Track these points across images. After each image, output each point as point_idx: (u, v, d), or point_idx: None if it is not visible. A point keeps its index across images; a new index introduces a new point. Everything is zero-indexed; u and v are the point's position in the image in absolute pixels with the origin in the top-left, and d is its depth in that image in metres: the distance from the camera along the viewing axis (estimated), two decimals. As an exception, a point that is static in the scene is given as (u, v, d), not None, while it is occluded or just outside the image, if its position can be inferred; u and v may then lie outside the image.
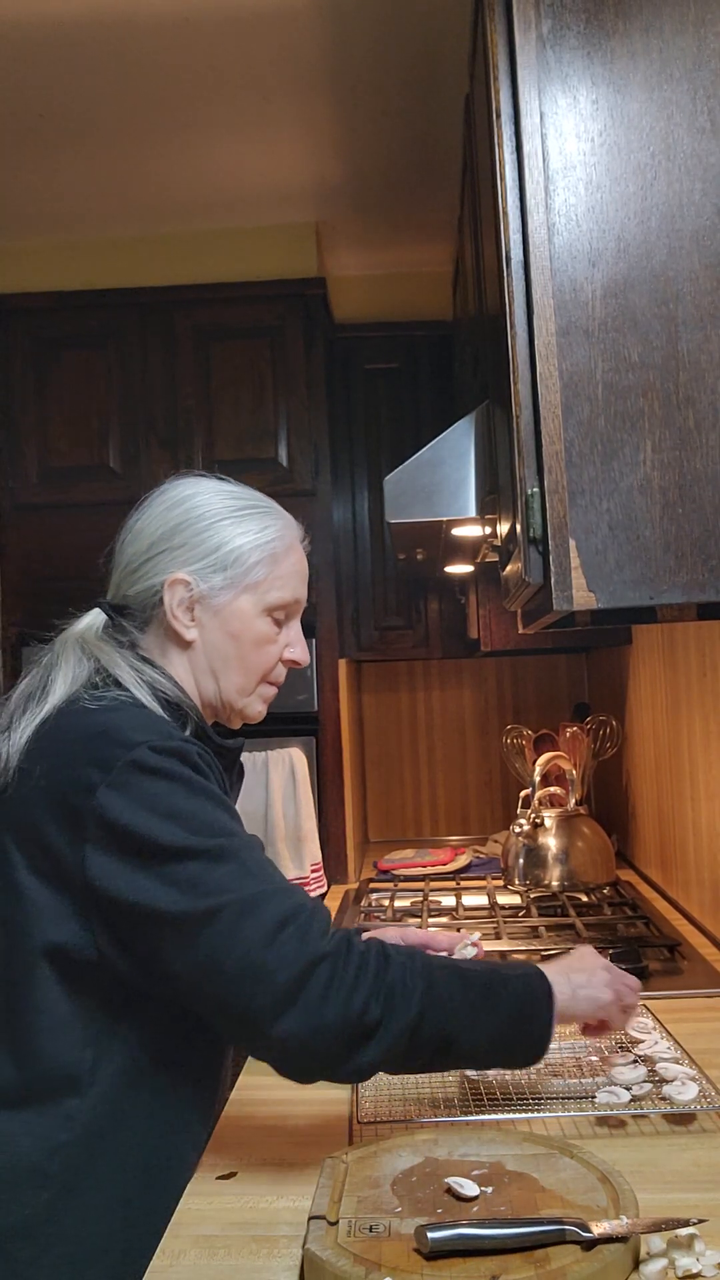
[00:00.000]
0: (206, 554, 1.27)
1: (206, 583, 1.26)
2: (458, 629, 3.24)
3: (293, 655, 1.34)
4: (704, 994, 1.74)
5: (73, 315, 2.96)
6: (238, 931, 1.06)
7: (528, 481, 1.32)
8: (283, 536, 1.31)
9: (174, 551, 1.27)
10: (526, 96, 1.34)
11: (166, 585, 1.26)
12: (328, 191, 2.87)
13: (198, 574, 1.26)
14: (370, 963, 1.09)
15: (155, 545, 1.28)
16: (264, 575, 1.29)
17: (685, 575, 1.30)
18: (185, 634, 1.27)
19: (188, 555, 1.26)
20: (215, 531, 1.27)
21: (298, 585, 1.33)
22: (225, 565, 1.27)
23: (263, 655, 1.30)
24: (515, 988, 1.17)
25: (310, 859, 2.77)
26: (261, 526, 1.30)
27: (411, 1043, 1.09)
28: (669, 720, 2.35)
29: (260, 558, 1.28)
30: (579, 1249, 0.93)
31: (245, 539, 1.28)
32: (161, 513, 1.30)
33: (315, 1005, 1.05)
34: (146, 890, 1.07)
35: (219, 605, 1.27)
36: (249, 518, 1.29)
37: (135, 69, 2.26)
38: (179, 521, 1.28)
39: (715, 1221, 1.00)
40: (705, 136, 1.32)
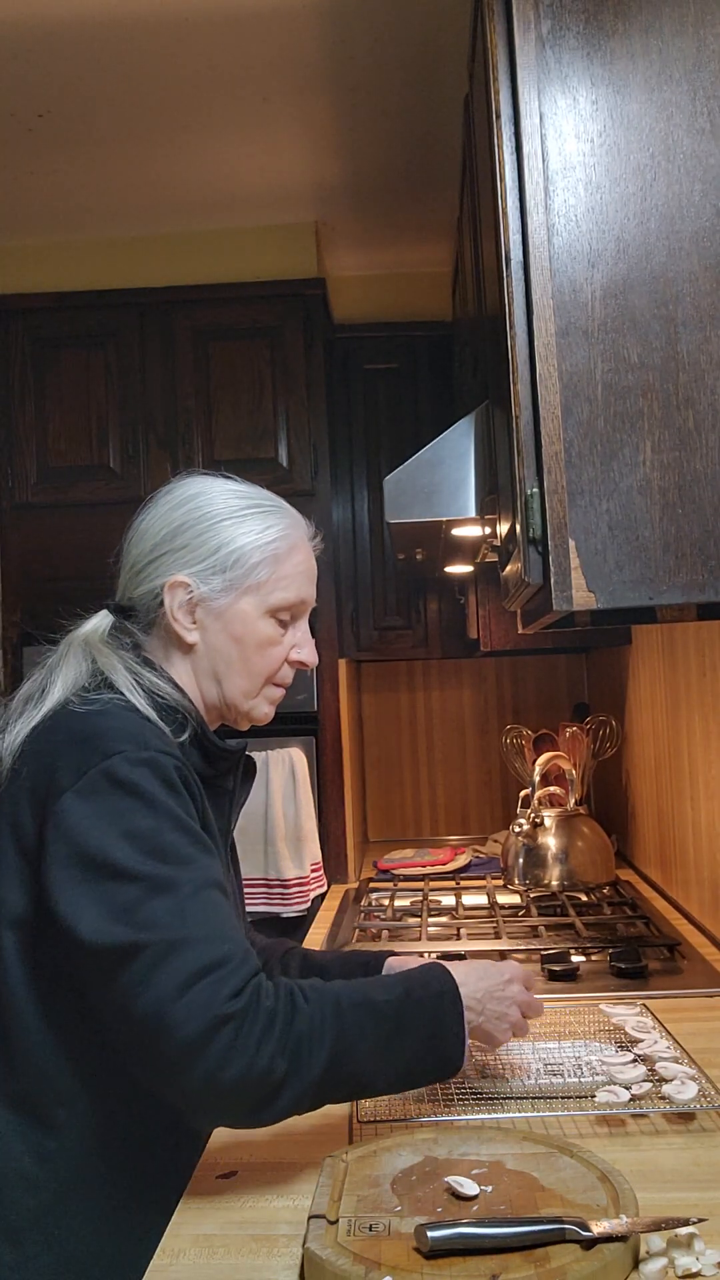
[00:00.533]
0: (207, 555, 1.25)
1: (207, 585, 1.25)
2: (457, 629, 3.24)
3: (300, 657, 1.32)
4: (704, 994, 1.74)
5: (72, 315, 2.96)
6: (151, 977, 1.02)
7: (527, 482, 1.33)
8: (287, 536, 1.29)
9: (176, 553, 1.26)
10: (526, 97, 1.34)
11: (167, 588, 1.25)
12: (327, 191, 2.87)
13: (198, 576, 1.25)
14: (278, 1018, 1.06)
15: (158, 546, 1.26)
16: (266, 576, 1.26)
17: (685, 575, 1.30)
18: (186, 637, 1.26)
19: (189, 557, 1.25)
20: (216, 532, 1.26)
21: (303, 585, 1.30)
22: (226, 566, 1.25)
23: (267, 658, 1.29)
24: (426, 1012, 1.16)
25: (310, 859, 2.77)
26: (264, 526, 1.27)
27: (321, 1088, 1.08)
28: (669, 720, 2.35)
29: (262, 558, 1.26)
30: (579, 1248, 0.93)
31: (247, 539, 1.26)
32: (165, 513, 1.28)
33: (216, 1068, 1.01)
34: (78, 910, 1.05)
35: (220, 608, 1.26)
36: (251, 517, 1.27)
37: (135, 69, 2.26)
38: (181, 522, 1.27)
39: (715, 1221, 1.00)
40: (705, 137, 1.32)
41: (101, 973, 1.05)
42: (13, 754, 1.16)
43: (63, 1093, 1.11)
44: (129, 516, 1.34)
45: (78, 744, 1.13)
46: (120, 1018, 1.05)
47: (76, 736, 1.14)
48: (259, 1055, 1.03)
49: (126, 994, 1.03)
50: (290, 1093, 1.06)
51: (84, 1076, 1.12)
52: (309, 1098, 1.08)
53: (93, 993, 1.08)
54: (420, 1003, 1.16)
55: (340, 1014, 1.10)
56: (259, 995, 1.06)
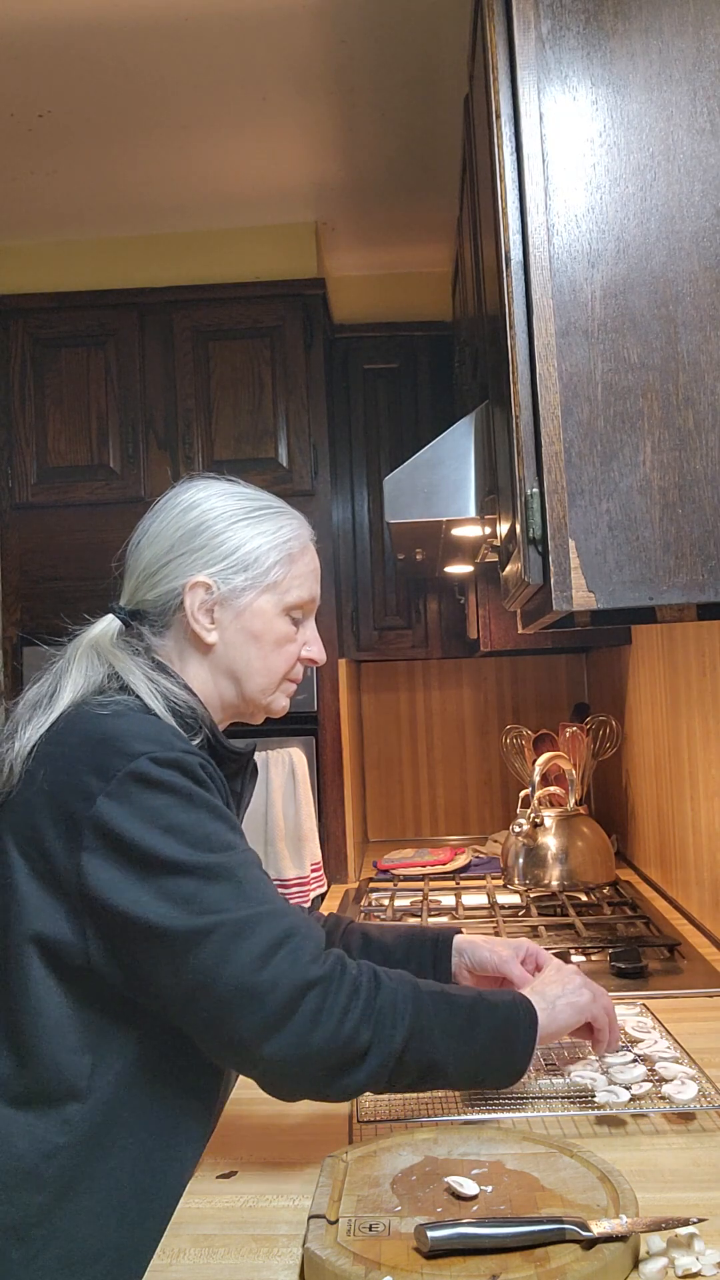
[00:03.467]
0: (226, 555, 1.27)
1: (228, 584, 1.27)
2: (457, 629, 3.24)
3: (310, 654, 1.35)
4: (704, 994, 1.74)
5: (72, 315, 2.96)
6: (230, 953, 1.06)
7: (527, 482, 1.33)
8: (299, 536, 1.32)
9: (193, 554, 1.27)
10: (526, 97, 1.34)
11: (187, 588, 1.26)
12: (327, 191, 2.87)
13: (218, 576, 1.27)
14: (362, 988, 1.10)
15: (174, 549, 1.28)
16: (283, 575, 1.30)
17: (685, 576, 1.30)
18: (206, 637, 1.28)
19: (207, 558, 1.27)
20: (233, 533, 1.28)
21: (313, 584, 1.34)
22: (245, 566, 1.28)
23: (283, 655, 1.31)
24: (500, 1013, 1.20)
25: (310, 858, 2.77)
26: (277, 527, 1.30)
27: (398, 1067, 1.11)
28: (669, 720, 2.35)
29: (278, 558, 1.29)
30: (579, 1248, 0.93)
31: (263, 539, 1.29)
32: (177, 516, 1.30)
33: (305, 1030, 1.06)
34: (141, 904, 1.08)
35: (241, 607, 1.28)
36: (264, 518, 1.30)
37: (135, 69, 2.26)
38: (196, 524, 1.28)
39: (715, 1221, 1.00)
40: (705, 137, 1.32)
41: (173, 959, 1.07)
42: (24, 758, 1.17)
43: (78, 1088, 1.11)
44: (129, 516, 1.35)
45: (98, 745, 1.14)
46: (195, 1001, 1.07)
47: (95, 738, 1.15)
48: (346, 1019, 1.08)
49: (207, 973, 1.06)
50: (373, 1062, 1.09)
51: (102, 1072, 1.12)
52: (387, 1072, 1.11)
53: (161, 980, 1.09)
54: (493, 1005, 1.20)
55: (419, 996, 1.14)
56: (343, 964, 1.11)
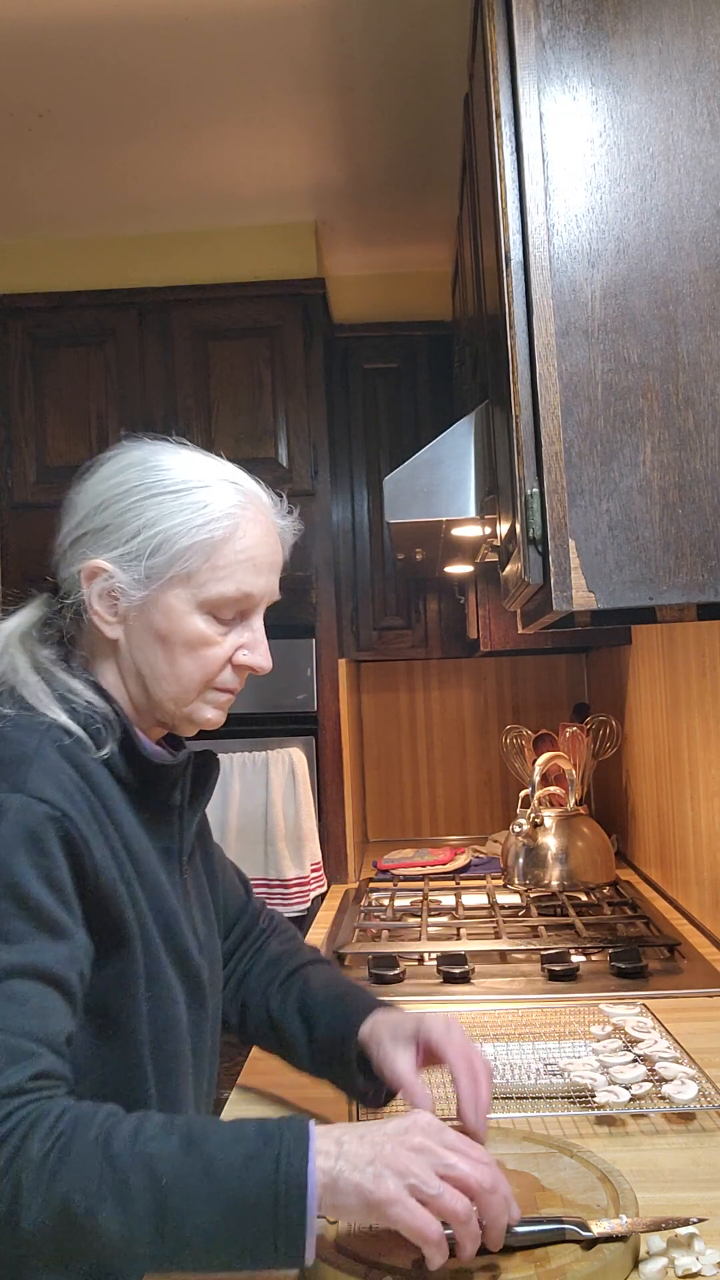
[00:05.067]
0: (128, 538, 1.07)
1: (126, 572, 1.07)
2: (457, 629, 3.24)
3: (247, 660, 1.12)
4: (704, 994, 1.74)
5: (72, 315, 2.96)
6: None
7: (527, 482, 1.33)
8: (229, 516, 1.09)
9: (97, 533, 1.09)
10: (526, 97, 1.34)
11: (84, 573, 1.08)
12: (327, 191, 2.87)
13: (118, 561, 1.07)
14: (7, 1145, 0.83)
15: (82, 524, 1.10)
16: (198, 565, 1.08)
17: (685, 576, 1.30)
18: (107, 631, 1.10)
19: (110, 538, 1.08)
20: (141, 511, 1.08)
21: (247, 576, 1.10)
22: (147, 552, 1.07)
23: (199, 660, 1.10)
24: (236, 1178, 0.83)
25: (310, 859, 2.77)
26: (201, 504, 1.08)
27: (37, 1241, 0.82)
28: (669, 720, 2.35)
29: (191, 543, 1.07)
30: (579, 1248, 0.93)
31: (175, 520, 1.07)
32: (94, 485, 1.12)
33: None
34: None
35: (143, 600, 1.08)
36: (188, 493, 1.09)
37: (135, 69, 2.26)
38: (107, 497, 1.10)
39: (715, 1221, 1.00)
40: (705, 138, 1.32)
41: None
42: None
43: None
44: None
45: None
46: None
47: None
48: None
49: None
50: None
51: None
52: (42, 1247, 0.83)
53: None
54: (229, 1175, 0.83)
55: (111, 1159, 0.83)
56: (23, 1121, 0.84)
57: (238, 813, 2.77)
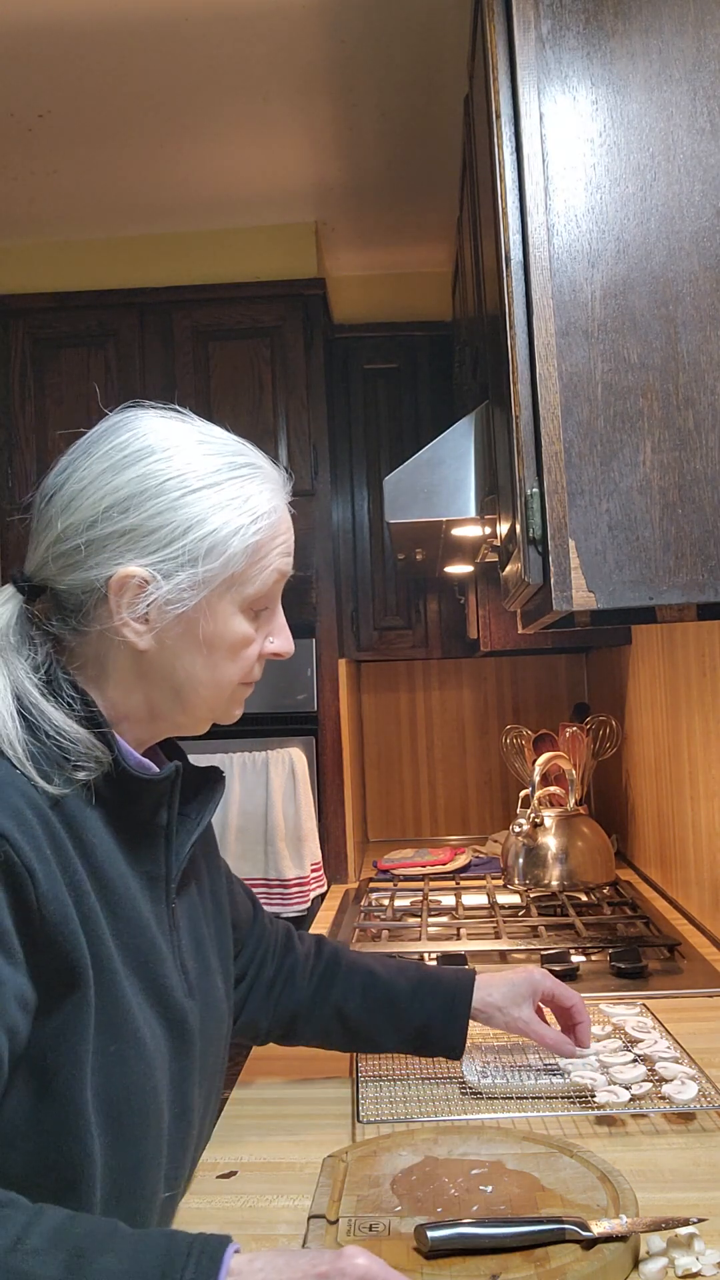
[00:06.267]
0: (172, 539, 0.96)
1: (171, 580, 0.96)
2: (457, 629, 3.24)
3: (275, 648, 1.06)
4: (704, 994, 1.74)
5: (72, 315, 2.96)
6: None
7: (527, 482, 1.33)
8: (272, 511, 1.02)
9: (126, 535, 0.96)
10: (526, 97, 1.34)
11: (113, 583, 0.95)
12: (327, 191, 2.87)
13: (159, 568, 0.96)
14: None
15: (101, 521, 0.96)
16: (244, 565, 0.99)
17: (685, 576, 1.30)
18: (139, 642, 0.98)
19: (146, 541, 0.95)
20: (184, 507, 0.96)
21: (281, 563, 1.03)
22: (198, 556, 0.96)
23: (241, 662, 1.03)
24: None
25: (310, 859, 2.77)
26: (246, 495, 0.99)
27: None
28: (669, 720, 2.35)
29: (244, 545, 0.98)
30: (579, 1248, 0.93)
31: (225, 517, 0.97)
32: (107, 471, 0.98)
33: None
34: None
35: (187, 607, 0.97)
36: (228, 484, 0.99)
37: (135, 69, 2.26)
38: (135, 490, 0.96)
39: (715, 1221, 1.00)
40: (705, 138, 1.32)
41: None
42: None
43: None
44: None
45: None
46: None
47: None
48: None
49: None
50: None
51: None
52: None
53: None
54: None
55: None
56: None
57: (238, 813, 2.77)
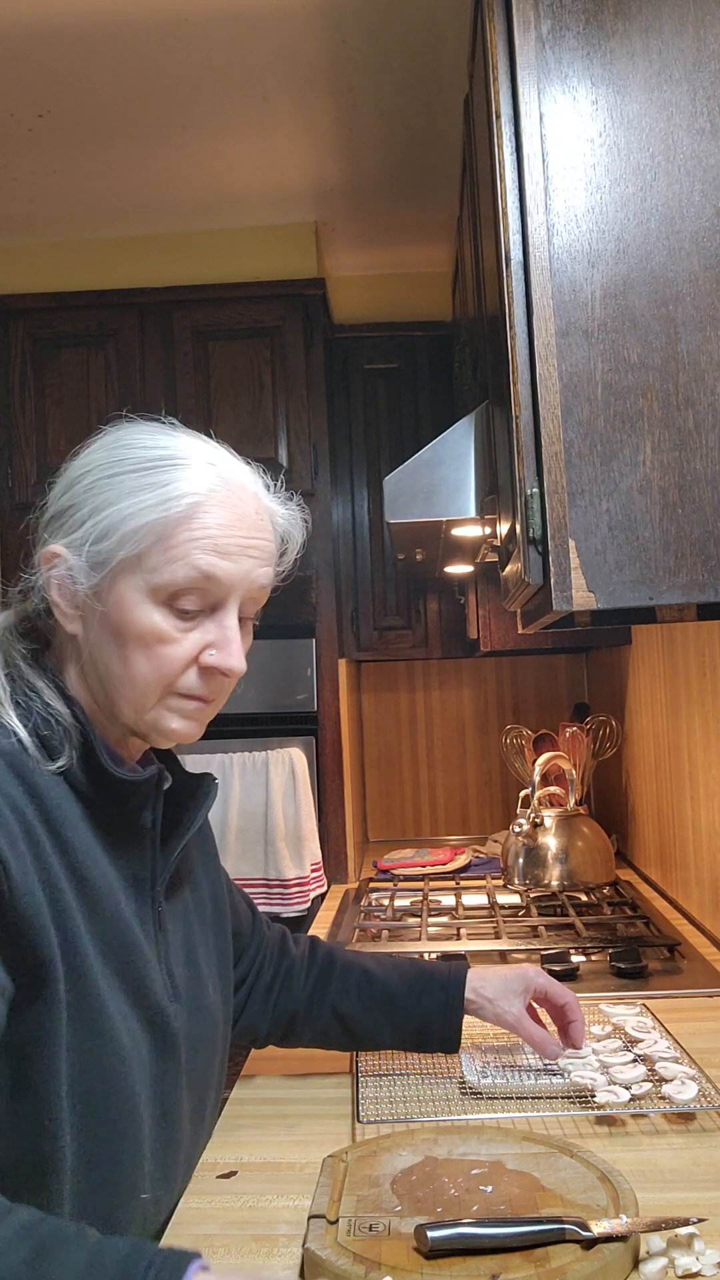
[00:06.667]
0: (85, 519, 0.99)
1: (78, 556, 0.99)
2: (457, 629, 3.24)
3: (214, 661, 1.00)
4: (704, 994, 1.74)
5: (72, 315, 2.96)
6: None
7: (527, 482, 1.33)
8: (192, 495, 0.99)
9: (59, 516, 1.03)
10: (526, 97, 1.34)
11: (42, 557, 1.02)
12: (327, 191, 2.87)
13: (74, 546, 1.00)
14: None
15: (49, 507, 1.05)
16: (147, 547, 0.97)
17: (685, 576, 1.30)
18: (66, 625, 1.02)
19: (69, 522, 1.01)
20: (101, 490, 1.00)
21: (207, 559, 0.98)
22: (98, 535, 0.98)
23: (155, 659, 0.99)
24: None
25: (310, 859, 2.77)
26: (166, 481, 0.99)
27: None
28: (668, 720, 2.35)
29: (141, 525, 0.97)
30: (579, 1248, 0.93)
31: (129, 500, 0.98)
32: (72, 468, 1.06)
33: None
34: None
35: (93, 589, 0.99)
36: (153, 471, 1.00)
37: (135, 69, 2.26)
38: (74, 474, 1.03)
39: (715, 1221, 1.00)
40: (705, 138, 1.32)
41: None
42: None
43: None
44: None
45: None
46: None
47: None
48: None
49: None
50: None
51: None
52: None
53: None
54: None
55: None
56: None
57: (238, 813, 2.77)
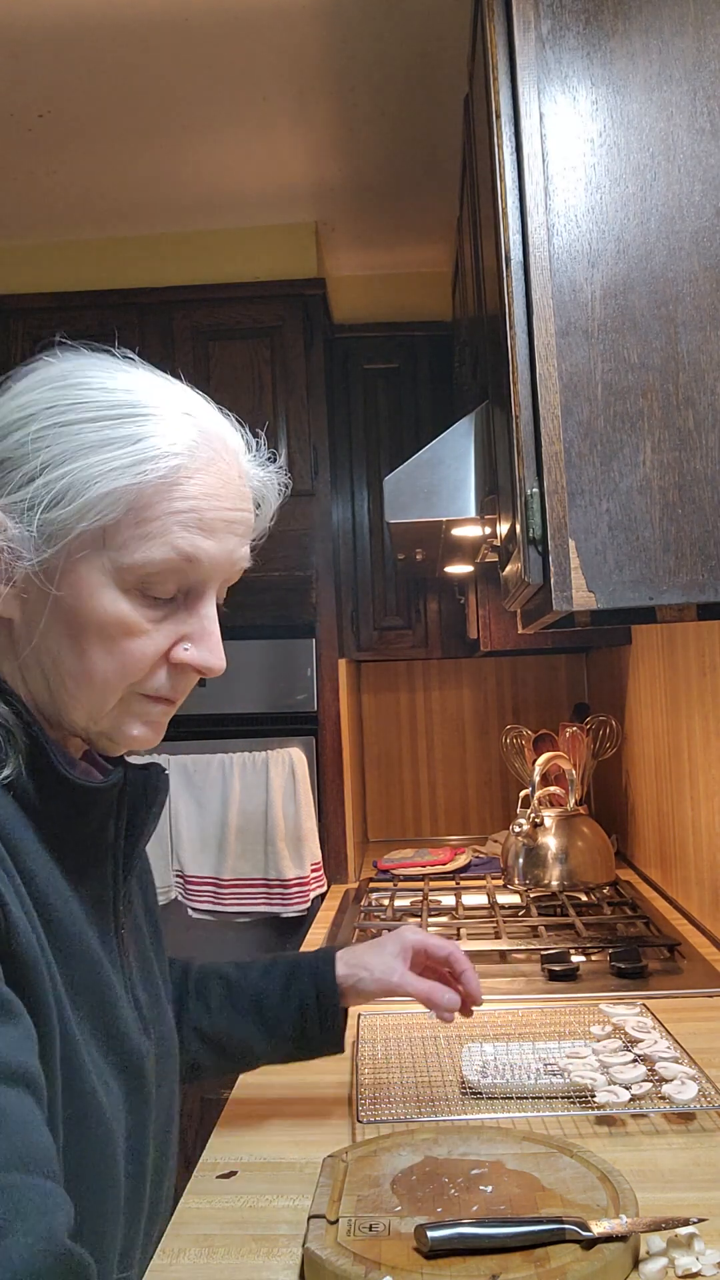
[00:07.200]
0: (26, 479, 0.78)
1: (22, 523, 0.78)
2: (457, 629, 3.24)
3: (190, 657, 0.84)
4: (704, 994, 1.74)
5: (72, 315, 2.96)
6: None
7: (527, 482, 1.33)
8: (172, 456, 0.80)
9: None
10: (526, 97, 1.34)
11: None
12: (327, 191, 2.87)
13: (15, 510, 0.78)
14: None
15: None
16: (116, 518, 0.79)
17: (685, 575, 1.30)
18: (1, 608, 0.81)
19: (7, 478, 0.79)
20: (48, 442, 0.79)
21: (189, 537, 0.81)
22: (51, 500, 0.77)
23: (119, 655, 0.81)
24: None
25: (310, 859, 2.77)
26: (133, 439, 0.79)
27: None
28: (669, 720, 2.35)
29: (109, 489, 0.78)
30: (579, 1248, 0.93)
31: (92, 459, 0.78)
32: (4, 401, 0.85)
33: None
34: None
35: (42, 567, 0.79)
36: (118, 422, 0.80)
37: (135, 69, 2.26)
38: (11, 417, 0.82)
39: (715, 1221, 1.00)
40: (705, 137, 1.32)
41: None
42: None
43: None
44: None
45: None
46: None
47: None
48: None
49: None
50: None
51: None
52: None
53: None
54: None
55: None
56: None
57: (238, 813, 2.77)
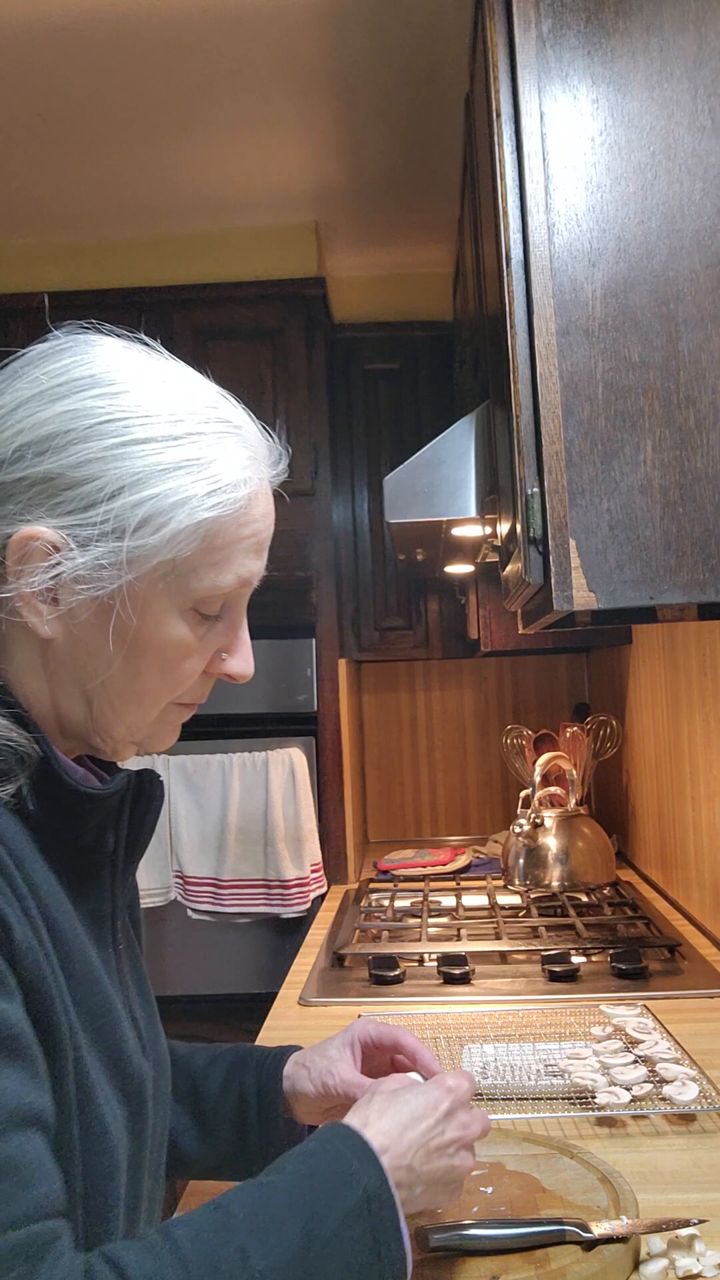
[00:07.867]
0: (96, 500, 0.74)
1: (87, 552, 0.74)
2: (458, 629, 3.24)
3: (229, 669, 0.84)
4: (704, 994, 1.73)
5: (72, 316, 2.94)
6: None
7: (528, 481, 1.32)
8: (243, 484, 0.78)
9: (40, 485, 0.74)
10: (526, 96, 1.34)
11: (13, 544, 0.74)
12: (328, 191, 2.87)
13: (75, 535, 0.74)
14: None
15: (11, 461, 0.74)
16: (195, 550, 0.76)
17: (685, 575, 1.30)
18: (40, 628, 0.76)
19: (64, 497, 0.74)
20: (120, 460, 0.74)
21: (248, 563, 0.80)
22: (127, 527, 0.74)
23: (173, 675, 0.80)
24: (342, 1243, 0.72)
25: (310, 859, 2.77)
26: (209, 459, 0.76)
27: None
28: (669, 720, 2.35)
29: (195, 522, 0.75)
30: (579, 1249, 0.93)
31: (175, 481, 0.75)
32: (33, 399, 0.76)
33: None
34: None
35: (108, 592, 0.75)
36: (191, 440, 0.76)
37: (135, 69, 2.26)
38: (60, 427, 0.74)
39: (715, 1222, 1.00)
40: (706, 136, 1.32)
41: None
42: None
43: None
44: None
45: None
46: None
47: None
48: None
49: None
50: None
51: None
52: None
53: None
54: (332, 1234, 0.72)
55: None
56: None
57: (238, 813, 2.76)
